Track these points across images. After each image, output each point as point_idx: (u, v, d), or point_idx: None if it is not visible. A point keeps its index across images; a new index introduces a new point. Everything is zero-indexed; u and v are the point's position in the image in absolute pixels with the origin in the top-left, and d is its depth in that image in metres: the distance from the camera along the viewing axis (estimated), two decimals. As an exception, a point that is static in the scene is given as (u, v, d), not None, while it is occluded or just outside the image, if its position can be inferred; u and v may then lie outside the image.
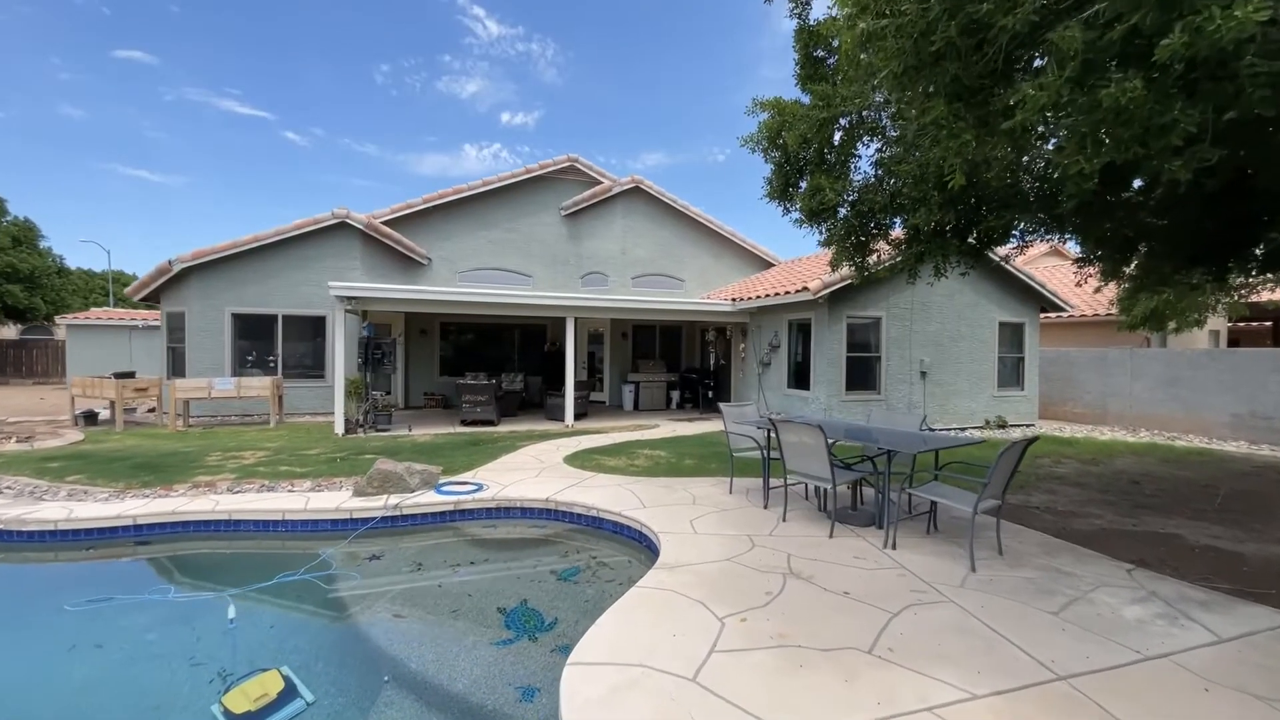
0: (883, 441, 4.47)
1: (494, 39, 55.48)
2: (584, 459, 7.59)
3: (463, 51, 55.80)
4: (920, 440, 4.58)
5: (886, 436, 4.76)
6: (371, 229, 12.89)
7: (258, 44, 47.95)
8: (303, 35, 50.03)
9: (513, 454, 8.05)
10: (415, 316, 14.24)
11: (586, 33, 56.23)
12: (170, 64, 47.63)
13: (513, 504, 5.56)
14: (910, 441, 4.56)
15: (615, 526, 5.10)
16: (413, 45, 54.68)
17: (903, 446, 4.31)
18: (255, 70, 51.13)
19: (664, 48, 65.11)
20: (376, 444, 8.95)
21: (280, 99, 54.07)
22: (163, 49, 45.37)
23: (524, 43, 55.87)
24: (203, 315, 11.99)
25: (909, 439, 4.70)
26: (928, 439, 4.65)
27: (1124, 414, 12.58)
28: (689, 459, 7.76)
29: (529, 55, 55.57)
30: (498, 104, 57.60)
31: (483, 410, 11.39)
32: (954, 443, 4.44)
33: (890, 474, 4.51)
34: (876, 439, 4.61)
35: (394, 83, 53.96)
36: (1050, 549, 4.38)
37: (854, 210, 5.42)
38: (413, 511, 5.30)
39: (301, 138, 57.96)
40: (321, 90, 57.13)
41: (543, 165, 15.10)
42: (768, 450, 5.55)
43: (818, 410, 10.52)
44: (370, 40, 54.39)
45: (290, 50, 49.91)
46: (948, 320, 11.49)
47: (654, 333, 15.83)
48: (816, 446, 4.50)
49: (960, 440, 4.50)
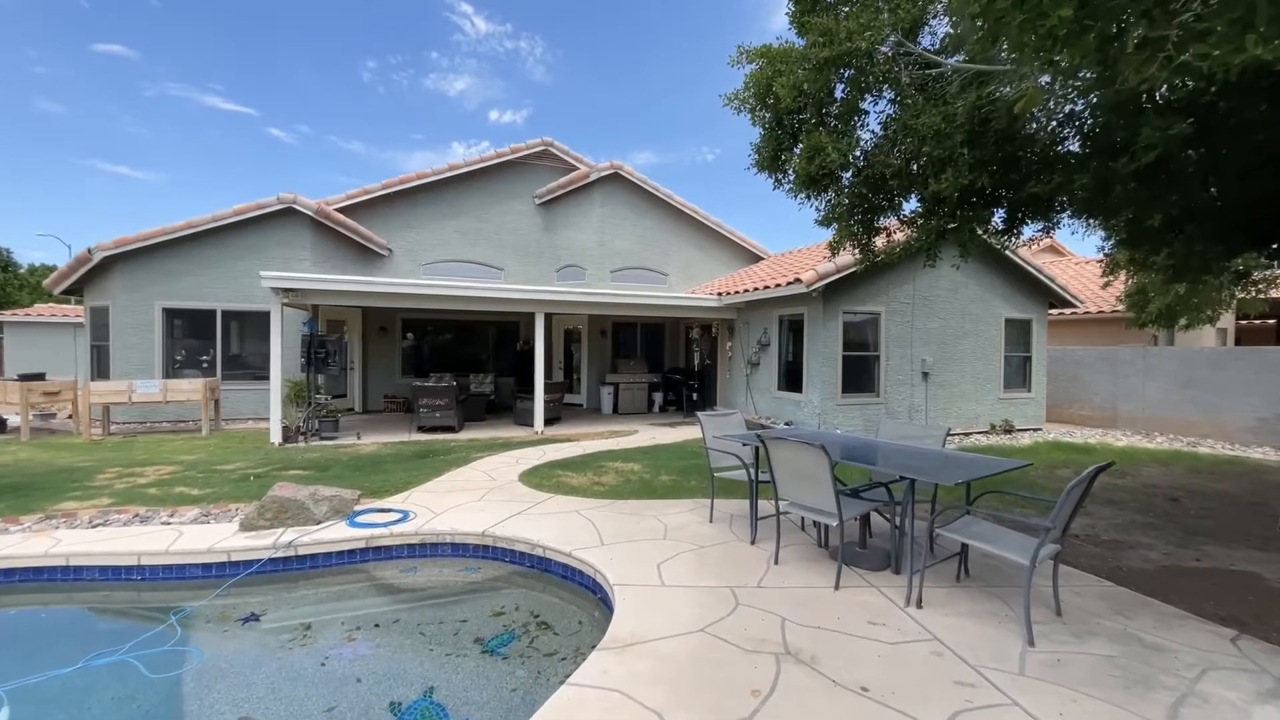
0: (901, 466, 3.47)
1: (482, 36, 54.25)
2: (544, 475, 6.53)
3: (450, 49, 54.52)
4: (953, 466, 3.58)
5: (904, 458, 3.76)
6: (323, 216, 11.71)
7: (241, 39, 46.40)
8: (287, 31, 48.54)
9: (463, 468, 6.97)
10: (374, 312, 13.08)
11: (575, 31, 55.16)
12: (151, 59, 45.86)
13: (441, 538, 4.49)
14: (939, 467, 3.56)
15: (565, 570, 4.05)
16: (400, 42, 53.31)
17: (933, 475, 3.31)
18: (238, 66, 49.53)
19: (652, 47, 64.24)
20: (311, 456, 7.82)
21: (264, 95, 52.41)
22: (143, 43, 43.60)
23: (512, 40, 54.70)
24: (129, 310, 10.75)
25: (935, 463, 3.70)
26: (961, 464, 3.65)
27: (1136, 417, 11.76)
28: (665, 474, 6.73)
29: (517, 53, 54.43)
30: (486, 101, 56.35)
31: (442, 415, 10.28)
32: (997, 467, 3.45)
33: (911, 503, 3.53)
34: (893, 463, 3.60)
35: (381, 79, 52.56)
36: (1118, 603, 3.40)
37: (861, 177, 4.41)
38: (311, 551, 4.22)
39: (286, 134, 56.30)
40: (307, 87, 55.55)
41: (515, 149, 13.99)
42: (756, 470, 4.54)
43: (811, 415, 9.55)
44: (356, 36, 52.94)
45: (275, 46, 48.39)
46: (951, 317, 10.57)
47: (635, 331, 14.79)
48: (817, 472, 3.49)
49: (1005, 465, 3.51)
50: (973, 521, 3.48)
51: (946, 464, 3.67)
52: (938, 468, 3.53)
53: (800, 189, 4.57)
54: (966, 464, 3.60)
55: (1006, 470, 3.44)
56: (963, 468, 3.46)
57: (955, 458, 3.88)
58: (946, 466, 3.58)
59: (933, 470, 3.44)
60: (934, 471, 3.41)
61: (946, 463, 3.71)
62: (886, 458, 3.82)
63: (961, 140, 3.89)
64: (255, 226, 11.43)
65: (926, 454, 3.98)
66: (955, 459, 3.83)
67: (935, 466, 3.57)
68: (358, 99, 55.06)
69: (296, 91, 54.31)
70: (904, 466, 3.48)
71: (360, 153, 52.96)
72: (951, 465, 3.61)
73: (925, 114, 3.98)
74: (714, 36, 63.08)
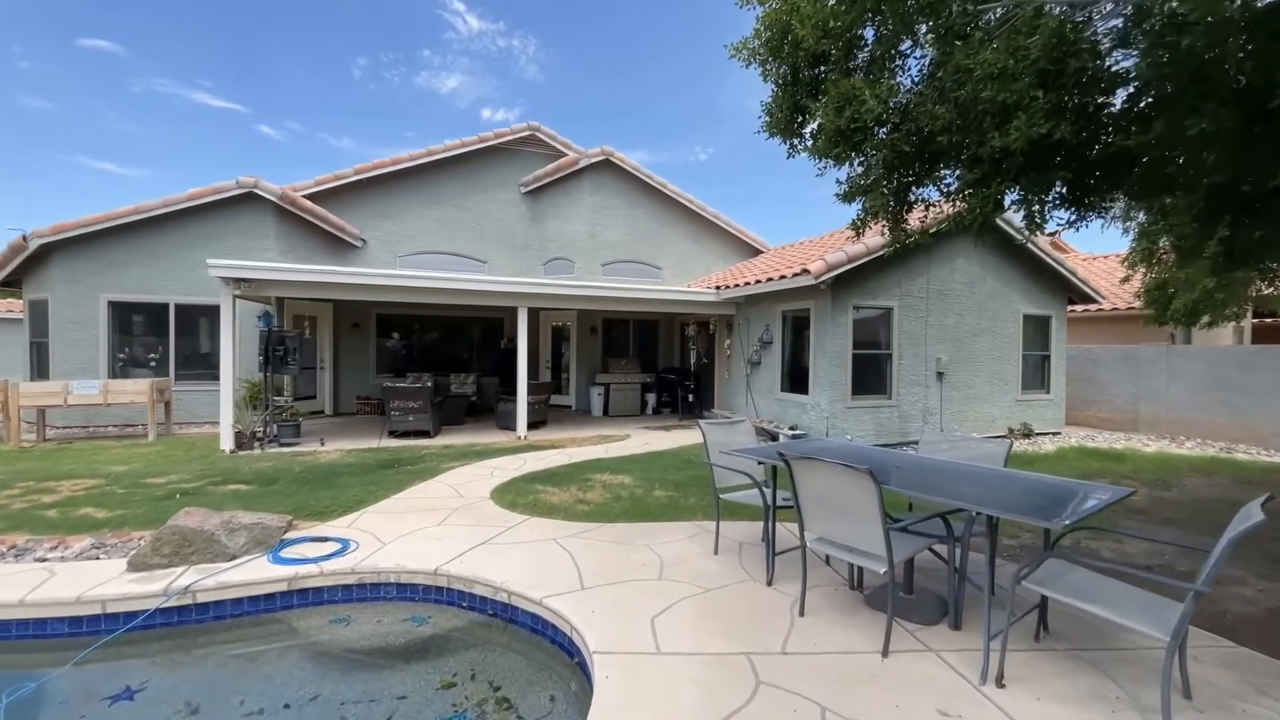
0: (978, 498, 2.66)
1: (474, 34, 53.16)
2: (520, 491, 5.67)
3: (443, 46, 53.34)
4: (1042, 497, 2.77)
5: (972, 485, 2.95)
6: (288, 202, 10.78)
7: (231, 35, 45.03)
8: (277, 27, 47.18)
9: (429, 482, 6.10)
10: (346, 308, 12.16)
11: (568, 30, 54.25)
12: (139, 54, 44.35)
13: (384, 577, 3.64)
14: (1028, 500, 2.75)
15: (534, 623, 3.21)
16: (391, 39, 52.05)
17: (1025, 512, 2.49)
18: (228, 62, 48.13)
19: (646, 46, 63.42)
20: (261, 466, 6.93)
21: (254, 92, 50.97)
22: (131, 39, 42.13)
23: (505, 39, 53.67)
24: (70, 304, 9.78)
25: (1013, 491, 2.90)
26: (1051, 494, 2.84)
27: (1159, 419, 11.06)
28: (660, 488, 5.89)
29: (510, 51, 53.37)
30: (478, 100, 55.30)
31: (415, 419, 9.40)
32: (1092, 497, 2.64)
33: (994, 544, 2.73)
34: (963, 493, 2.80)
35: (372, 77, 51.28)
36: (1251, 672, 2.61)
37: (901, 135, 3.59)
38: (215, 597, 3.35)
39: (276, 132, 54.93)
40: (297, 83, 54.11)
41: (499, 134, 13.11)
42: (774, 490, 3.71)
43: (818, 418, 8.75)
44: (348, 33, 51.61)
45: (264, 42, 46.98)
46: (967, 312, 9.81)
47: (627, 328, 13.95)
48: (860, 503, 2.67)
49: (1105, 494, 2.71)
50: (1063, 568, 2.67)
51: (1030, 493, 2.86)
52: (1027, 501, 2.72)
53: (827, 149, 3.74)
54: (1058, 494, 2.79)
55: (1114, 501, 2.63)
56: (1057, 500, 2.65)
57: (1036, 485, 3.06)
58: (1035, 498, 2.77)
59: (1022, 505, 2.63)
60: (1025, 507, 2.60)
61: (1028, 491, 2.90)
62: (946, 483, 3.01)
63: (1032, 82, 3.09)
64: (213, 213, 10.48)
65: (995, 478, 3.17)
66: (1037, 486, 3.01)
67: (1021, 498, 2.76)
68: (349, 96, 53.83)
69: (287, 88, 53.00)
70: (981, 498, 2.67)
71: (351, 150, 51.46)
72: (1038, 496, 2.80)
73: (983, 52, 3.17)
74: (708, 36, 62.33)
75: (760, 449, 3.90)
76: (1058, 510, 2.44)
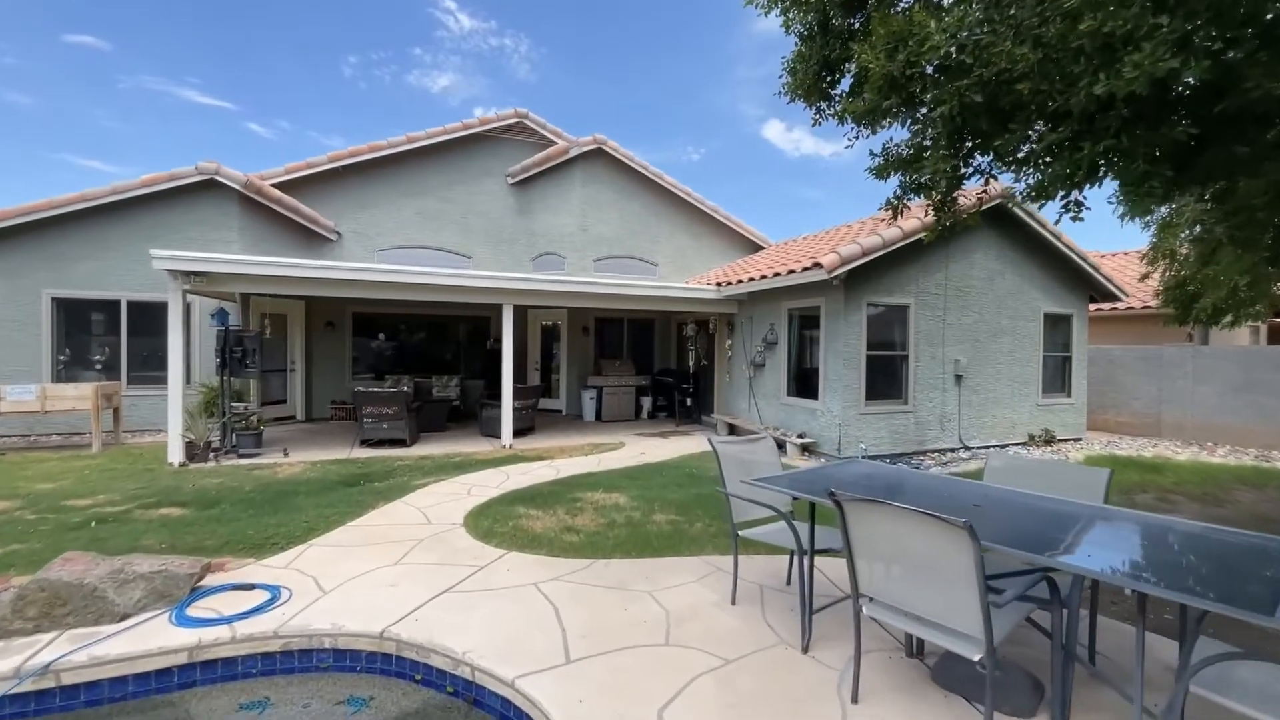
0: (1119, 564, 1.94)
1: (466, 33, 52.15)
2: (498, 516, 4.91)
3: (434, 45, 52.26)
4: (1213, 562, 2.05)
5: (1093, 537, 2.24)
6: (253, 190, 9.94)
7: (219, 31, 43.82)
8: (267, 24, 46.01)
9: (396, 504, 5.32)
10: (319, 306, 11.32)
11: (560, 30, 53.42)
12: (125, 50, 42.99)
13: (316, 642, 2.87)
14: (1203, 569, 2.03)
15: (506, 710, 2.46)
16: (382, 37, 50.92)
17: (1245, 606, 1.76)
18: (217, 59, 46.86)
19: (638, 47, 62.70)
20: (208, 483, 6.12)
21: (243, 89, 49.62)
22: (117, 35, 40.81)
23: (497, 38, 52.69)
24: (10, 301, 8.91)
25: (1163, 549, 2.18)
26: (1231, 556, 2.12)
27: (1184, 424, 10.45)
28: (661, 510, 5.14)
29: (502, 50, 52.39)
30: (470, 99, 54.20)
31: (390, 427, 8.60)
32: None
33: (1076, 600, 2.01)
34: (1085, 553, 2.07)
35: (362, 75, 50.10)
36: None
37: (972, 81, 2.86)
38: (88, 677, 2.57)
39: (265, 130, 53.57)
40: (287, 81, 52.82)
41: (484, 120, 12.31)
42: (811, 529, 2.97)
43: (829, 425, 8.04)
44: (338, 30, 50.48)
45: (254, 39, 45.76)
46: (987, 310, 9.14)
47: (621, 327, 13.19)
48: (948, 565, 1.94)
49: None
50: (1226, 662, 1.94)
51: (1204, 556, 2.15)
52: (1217, 573, 2.00)
53: (873, 103, 2.99)
54: (1245, 556, 2.06)
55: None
56: (1251, 573, 1.92)
57: (1197, 540, 2.34)
58: (1213, 564, 2.05)
59: (1222, 582, 1.90)
60: (1228, 587, 1.87)
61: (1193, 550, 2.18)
62: (1056, 533, 2.28)
63: (1151, 5, 2.37)
64: (169, 202, 9.63)
65: (1126, 528, 2.45)
66: (1204, 543, 2.29)
67: (1202, 566, 2.03)
68: (339, 94, 52.66)
69: (276, 86, 51.73)
70: (1136, 566, 1.94)
71: (341, 148, 50.29)
72: (1213, 561, 2.08)
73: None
74: (700, 35, 61.83)
75: (798, 479, 3.15)
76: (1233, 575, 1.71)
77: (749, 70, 61.90)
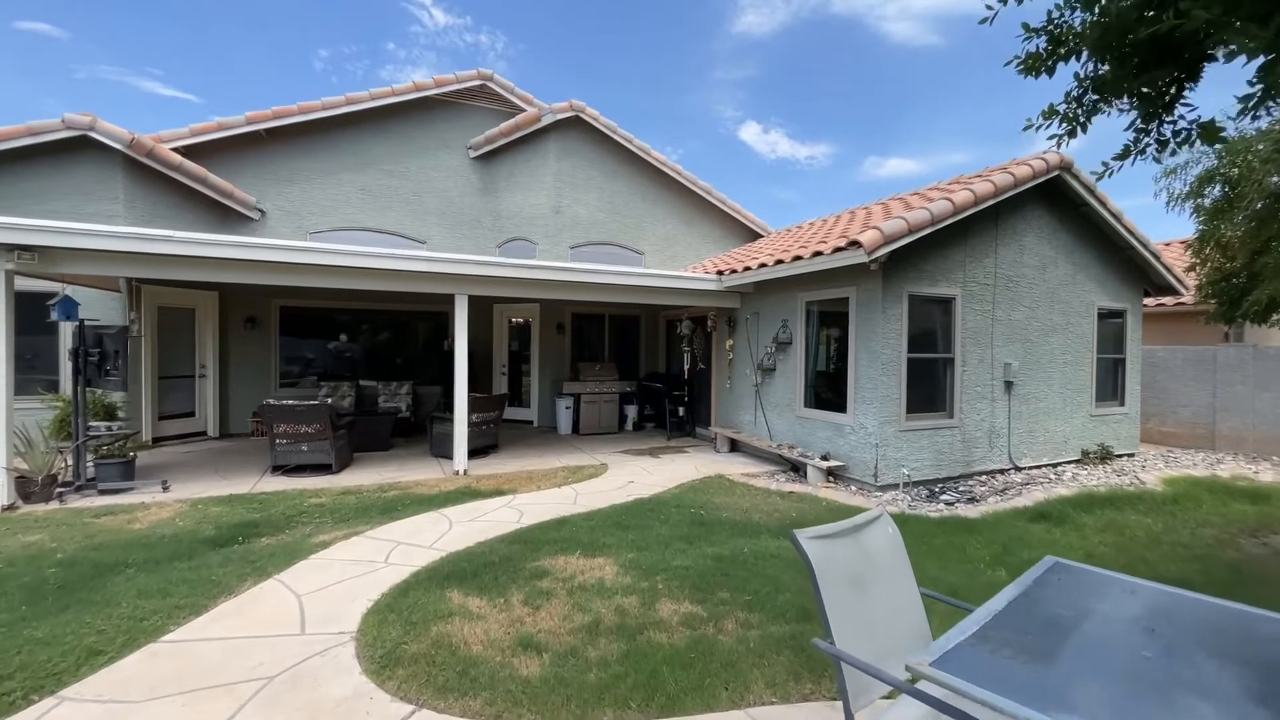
0: None
1: (441, 28, 49.88)
2: (418, 613, 3.16)
3: (408, 40, 49.82)
4: None
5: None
6: (142, 152, 7.95)
7: (181, 20, 40.89)
8: (231, 13, 43.14)
9: (268, 583, 3.54)
10: (236, 299, 9.37)
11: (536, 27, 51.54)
12: (81, 38, 39.71)
13: None
14: None
15: None
16: (354, 31, 48.37)
17: None
18: (179, 49, 43.80)
19: (615, 45, 61.18)
20: (19, 541, 4.23)
21: (207, 82, 46.53)
22: (72, 22, 37.53)
23: (472, 34, 50.54)
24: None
25: None
26: None
27: (1243, 436, 9.18)
28: (668, 592, 3.45)
29: (478, 47, 50.23)
30: (445, 95, 51.97)
31: (311, 449, 6.76)
32: None
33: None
34: None
35: (334, 69, 47.41)
36: None
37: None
38: None
39: None
40: (254, 74, 49.79)
41: (440, 81, 10.47)
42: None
43: (863, 445, 6.47)
44: (308, 23, 47.74)
45: (218, 29, 42.83)
46: (1039, 304, 7.68)
47: (602, 324, 11.47)
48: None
49: None
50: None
51: None
52: None
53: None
54: None
55: None
56: None
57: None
58: None
59: None
60: None
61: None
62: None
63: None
64: (33, 164, 7.62)
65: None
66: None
67: None
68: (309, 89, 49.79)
69: (242, 79, 48.70)
70: None
71: (264, 110, 46.10)
72: None
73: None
74: (678, 39, 60.49)
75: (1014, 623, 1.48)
76: None
77: (726, 73, 60.79)
